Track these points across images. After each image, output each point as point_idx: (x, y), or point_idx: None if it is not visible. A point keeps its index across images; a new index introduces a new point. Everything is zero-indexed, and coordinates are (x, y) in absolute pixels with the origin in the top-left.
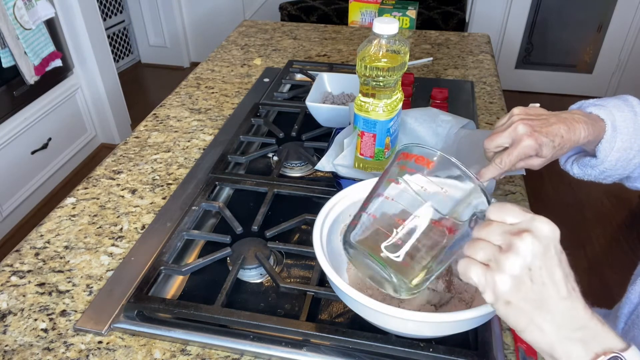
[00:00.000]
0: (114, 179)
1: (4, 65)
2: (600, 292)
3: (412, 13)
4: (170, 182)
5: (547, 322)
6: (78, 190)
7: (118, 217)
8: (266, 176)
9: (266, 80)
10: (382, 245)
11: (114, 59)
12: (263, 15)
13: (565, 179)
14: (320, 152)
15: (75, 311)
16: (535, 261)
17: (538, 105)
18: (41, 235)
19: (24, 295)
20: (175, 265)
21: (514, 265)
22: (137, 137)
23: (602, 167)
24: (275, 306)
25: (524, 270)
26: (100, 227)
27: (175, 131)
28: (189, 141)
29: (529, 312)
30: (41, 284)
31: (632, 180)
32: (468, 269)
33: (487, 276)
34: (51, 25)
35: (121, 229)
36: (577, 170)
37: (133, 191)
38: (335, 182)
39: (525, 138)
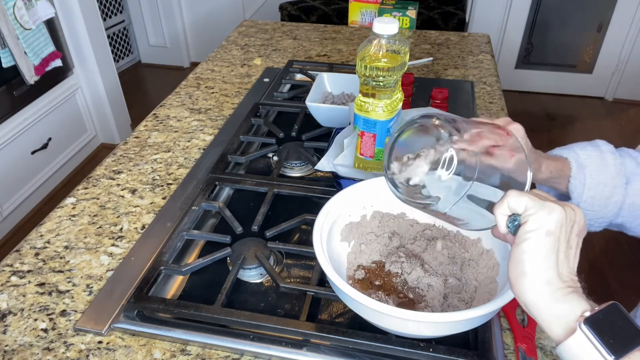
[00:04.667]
0: (114, 179)
1: (4, 65)
2: (600, 292)
3: (412, 13)
4: (170, 182)
5: (555, 275)
6: (78, 190)
7: (118, 217)
8: (266, 176)
9: (266, 80)
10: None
11: (114, 59)
12: (263, 15)
13: None
14: (320, 152)
15: (75, 311)
16: (577, 226)
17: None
18: (41, 235)
19: (24, 295)
20: (175, 265)
21: (568, 210)
22: (137, 137)
23: (581, 208)
24: (275, 306)
25: (570, 222)
26: (100, 227)
27: (175, 131)
28: (189, 141)
29: (552, 254)
30: (41, 284)
31: (628, 228)
32: (523, 194)
33: (545, 202)
34: (51, 25)
35: (121, 229)
36: None
37: (133, 191)
38: (335, 182)
39: (516, 123)
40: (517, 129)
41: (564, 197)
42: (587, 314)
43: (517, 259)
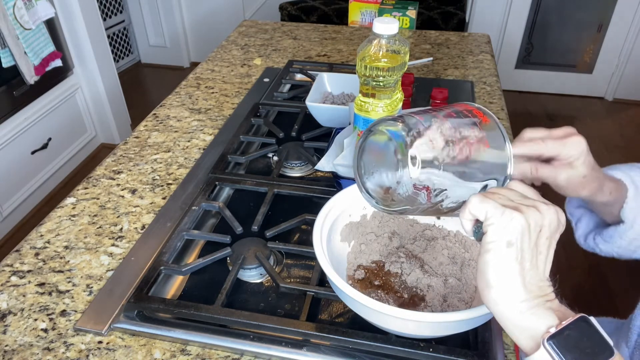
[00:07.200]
0: (114, 179)
1: (4, 65)
2: (600, 292)
3: (412, 13)
4: (170, 182)
5: (520, 287)
6: (78, 190)
7: (118, 217)
8: (266, 176)
9: (266, 80)
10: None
11: (114, 59)
12: (263, 15)
13: None
14: (320, 152)
15: (75, 311)
16: (547, 229)
17: None
18: (41, 235)
19: (24, 295)
20: (175, 265)
21: (533, 215)
22: (137, 137)
23: (632, 234)
24: (275, 306)
25: (537, 227)
26: (100, 227)
27: (175, 131)
28: (189, 141)
29: (514, 265)
30: (41, 284)
31: None
32: (485, 200)
33: (506, 210)
34: (51, 25)
35: (121, 229)
36: (603, 244)
37: (133, 191)
38: (335, 182)
39: (578, 135)
40: (578, 142)
41: (603, 222)
42: (553, 330)
43: (482, 270)
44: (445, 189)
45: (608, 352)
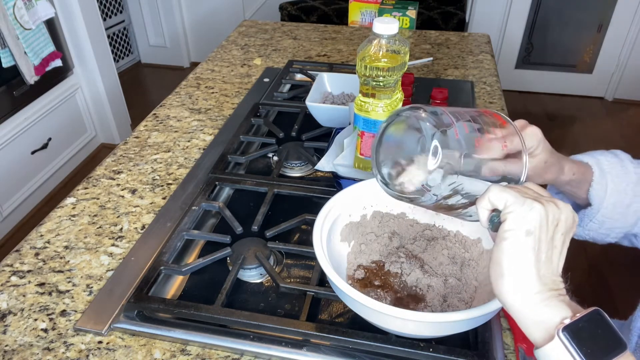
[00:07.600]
0: (114, 179)
1: (4, 65)
2: (600, 293)
3: (412, 13)
4: (170, 182)
5: (534, 278)
6: (78, 190)
7: (118, 217)
8: (266, 176)
9: (266, 80)
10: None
11: (114, 59)
12: (263, 15)
13: None
14: (320, 152)
15: (75, 311)
16: (563, 224)
17: None
18: (41, 235)
19: (24, 295)
20: (175, 265)
21: (552, 208)
22: (137, 137)
23: (600, 217)
24: (275, 306)
25: (554, 220)
26: (100, 227)
27: (175, 131)
28: (189, 141)
29: (530, 256)
30: (41, 284)
31: None
32: (505, 189)
33: (527, 200)
34: (51, 25)
35: (121, 229)
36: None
37: (133, 191)
38: (335, 182)
39: (531, 126)
40: (534, 133)
41: (577, 206)
42: (567, 321)
43: (497, 259)
44: (460, 184)
45: (622, 347)
